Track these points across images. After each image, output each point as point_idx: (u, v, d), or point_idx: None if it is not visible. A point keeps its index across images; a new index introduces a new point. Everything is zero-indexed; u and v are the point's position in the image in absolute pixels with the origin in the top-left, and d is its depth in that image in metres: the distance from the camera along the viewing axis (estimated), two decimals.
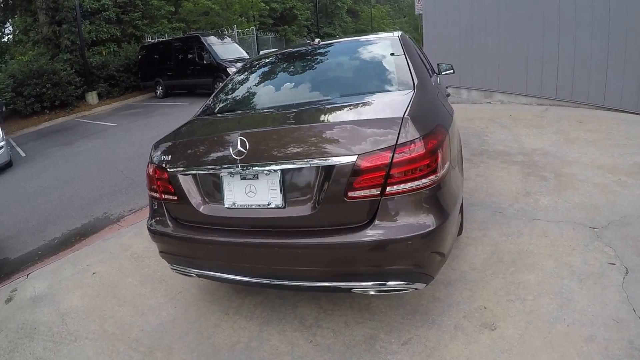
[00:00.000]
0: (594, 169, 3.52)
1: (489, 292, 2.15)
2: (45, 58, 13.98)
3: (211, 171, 1.86)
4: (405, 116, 1.63)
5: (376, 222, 1.60)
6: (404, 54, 2.36)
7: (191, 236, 1.93)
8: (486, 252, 2.52)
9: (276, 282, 1.83)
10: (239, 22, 22.51)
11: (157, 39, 17.39)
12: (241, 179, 1.80)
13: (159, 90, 14.55)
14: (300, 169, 1.69)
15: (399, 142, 1.57)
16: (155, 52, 15.12)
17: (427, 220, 1.60)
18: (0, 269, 3.74)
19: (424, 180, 1.59)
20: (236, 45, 14.94)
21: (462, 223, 2.38)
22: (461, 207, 2.42)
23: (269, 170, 1.73)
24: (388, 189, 1.57)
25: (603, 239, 2.49)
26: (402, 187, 1.58)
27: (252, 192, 1.78)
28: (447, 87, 7.49)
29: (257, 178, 1.76)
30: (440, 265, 1.78)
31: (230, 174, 1.82)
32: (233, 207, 1.83)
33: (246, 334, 2.09)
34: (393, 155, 1.56)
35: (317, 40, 2.87)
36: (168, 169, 1.98)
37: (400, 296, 2.20)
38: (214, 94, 2.77)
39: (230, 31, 19.18)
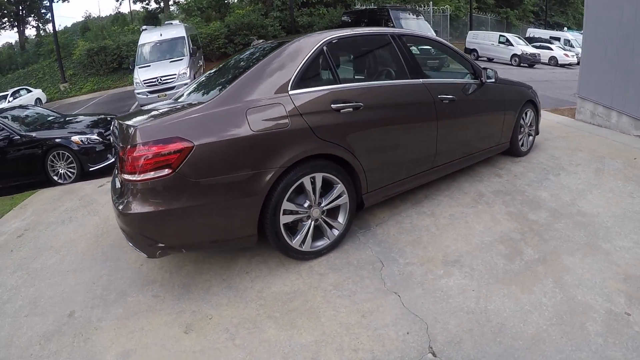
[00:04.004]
0: (617, 279, 2.27)
1: (230, 314, 2.26)
2: (257, 14, 17.41)
3: None
4: (138, 126, 2.20)
5: (123, 192, 2.34)
6: (269, 61, 2.59)
7: None
8: (287, 287, 2.44)
9: None
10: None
11: (364, 7, 18.90)
12: None
13: None
14: None
15: (130, 143, 2.19)
16: (353, 18, 16.70)
17: (132, 205, 2.20)
18: None
19: (134, 177, 2.16)
20: (425, 22, 15.21)
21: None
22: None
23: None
24: (124, 176, 2.25)
25: None
26: (126, 176, 2.22)
27: None
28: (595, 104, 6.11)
29: None
30: (152, 249, 2.27)
31: None
32: None
33: None
34: (125, 152, 2.22)
35: (257, 41, 3.31)
36: None
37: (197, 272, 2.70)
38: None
39: (425, 7, 18.97)
